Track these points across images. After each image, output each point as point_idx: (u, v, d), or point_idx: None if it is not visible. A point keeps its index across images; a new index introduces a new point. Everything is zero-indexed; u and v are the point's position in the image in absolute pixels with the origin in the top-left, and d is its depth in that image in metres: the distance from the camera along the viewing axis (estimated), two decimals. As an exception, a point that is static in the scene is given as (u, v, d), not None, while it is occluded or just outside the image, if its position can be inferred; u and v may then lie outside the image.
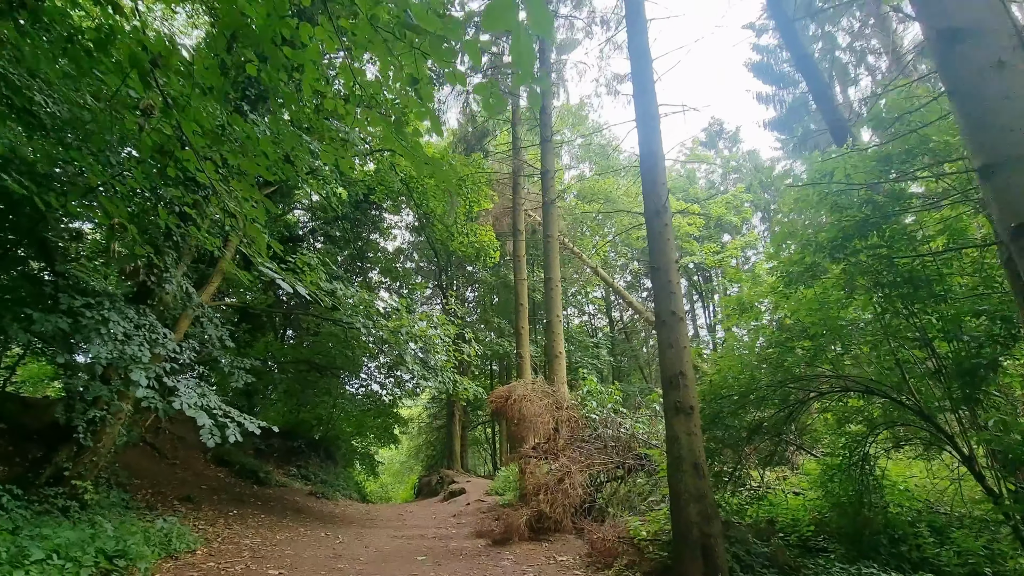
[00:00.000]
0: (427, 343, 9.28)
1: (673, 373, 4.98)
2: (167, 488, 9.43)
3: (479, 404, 26.20)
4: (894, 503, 5.66)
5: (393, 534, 8.35)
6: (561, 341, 9.79)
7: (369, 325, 8.97)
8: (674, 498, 4.64)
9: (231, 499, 9.71)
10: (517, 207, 12.38)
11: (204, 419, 5.30)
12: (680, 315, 5.21)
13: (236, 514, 8.82)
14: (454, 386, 10.90)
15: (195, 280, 9.14)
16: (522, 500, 7.82)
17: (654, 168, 5.76)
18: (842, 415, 5.69)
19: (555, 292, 10.04)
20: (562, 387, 9.06)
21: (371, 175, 16.45)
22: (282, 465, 15.41)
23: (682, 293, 5.26)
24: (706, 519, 4.47)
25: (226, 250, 8.92)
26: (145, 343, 5.47)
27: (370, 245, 19.07)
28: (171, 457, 11.62)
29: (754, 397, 5.44)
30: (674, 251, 5.55)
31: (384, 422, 19.55)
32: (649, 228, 5.64)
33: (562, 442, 7.84)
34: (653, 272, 5.46)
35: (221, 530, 7.67)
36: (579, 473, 7.60)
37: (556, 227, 10.72)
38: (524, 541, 7.09)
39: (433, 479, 18.04)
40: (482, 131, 15.78)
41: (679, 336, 5.11)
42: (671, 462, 4.75)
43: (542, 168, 10.90)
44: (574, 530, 7.37)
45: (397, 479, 29.60)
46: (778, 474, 7.78)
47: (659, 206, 5.62)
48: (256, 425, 5.81)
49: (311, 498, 12.06)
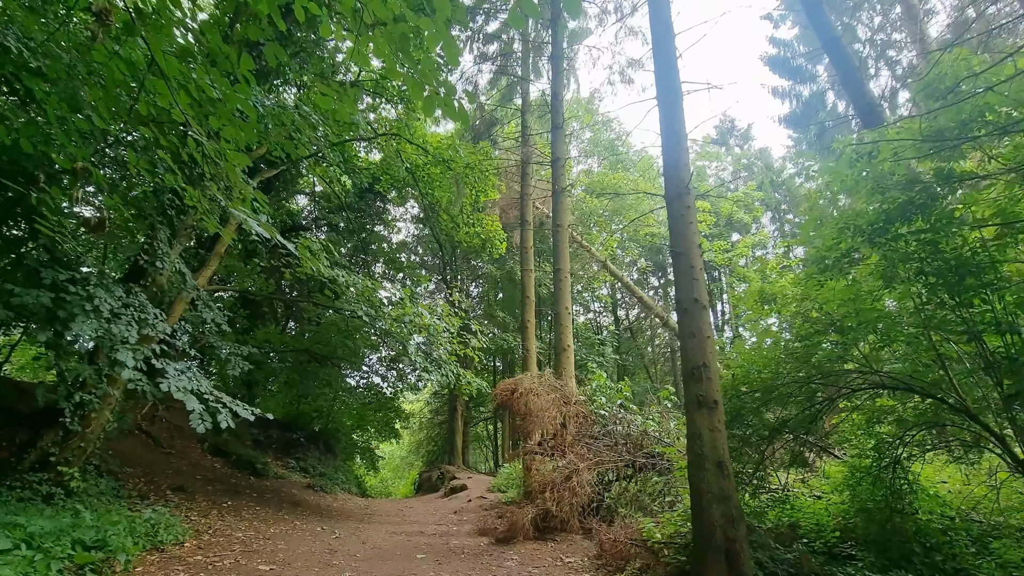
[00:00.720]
0: (430, 334, 8.95)
1: (695, 364, 4.63)
2: (160, 477, 9.15)
3: (481, 400, 25.90)
4: (924, 510, 5.30)
5: (392, 530, 8.04)
6: (570, 334, 9.43)
7: (372, 313, 8.65)
8: (696, 498, 4.30)
9: (226, 490, 9.42)
10: (525, 197, 12.02)
11: (194, 403, 4.99)
12: (703, 303, 4.86)
13: (230, 505, 8.53)
14: (457, 380, 10.59)
15: (196, 268, 8.86)
16: (527, 498, 7.49)
17: (676, 148, 5.40)
18: (871, 415, 5.33)
19: (564, 283, 9.69)
20: (570, 382, 8.72)
21: (376, 164, 16.15)
22: (280, 457, 15.13)
23: (705, 280, 4.90)
24: (731, 522, 4.12)
25: (226, 228, 8.62)
26: (133, 323, 5.16)
27: (374, 237, 18.77)
28: (166, 446, 11.35)
29: (778, 393, 5.08)
30: (697, 235, 5.19)
31: (385, 416, 19.26)
32: (670, 211, 5.28)
33: (570, 438, 7.51)
34: (675, 257, 5.10)
35: (213, 522, 7.37)
36: (587, 471, 7.27)
37: (566, 216, 10.35)
38: (529, 540, 6.77)
39: (434, 475, 17.75)
40: (490, 120, 15.42)
41: (701, 325, 4.76)
42: (692, 460, 4.41)
43: (552, 156, 10.53)
44: (581, 530, 7.04)
45: (397, 474, 29.35)
46: (795, 476, 7.43)
47: (681, 188, 5.26)
48: (249, 412, 5.50)
49: (309, 491, 11.77)
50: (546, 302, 18.41)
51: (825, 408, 5.22)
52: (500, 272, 17.93)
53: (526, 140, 12.59)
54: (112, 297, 5.04)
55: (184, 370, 5.35)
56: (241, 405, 5.48)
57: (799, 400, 5.34)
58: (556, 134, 10.61)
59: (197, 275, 8.31)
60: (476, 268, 21.96)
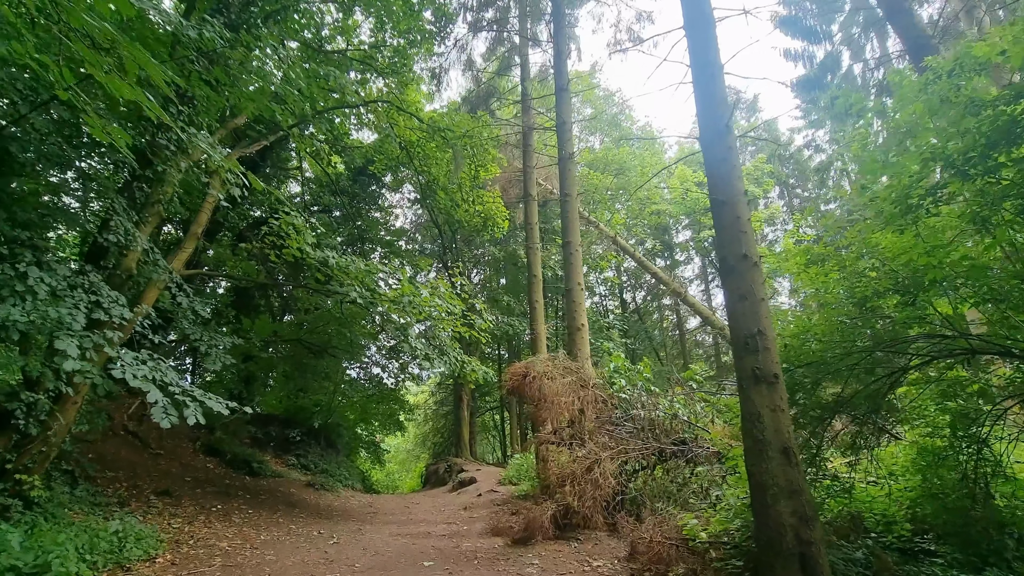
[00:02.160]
0: (432, 317, 8.18)
1: (749, 332, 3.85)
2: (145, 481, 8.46)
3: (487, 389, 25.21)
4: (1012, 495, 4.55)
5: (396, 531, 7.34)
6: (583, 312, 8.65)
7: (367, 296, 7.86)
8: (758, 493, 3.54)
9: (216, 492, 8.73)
10: (528, 169, 11.18)
11: (156, 395, 4.25)
12: (754, 258, 4.07)
13: (220, 509, 7.84)
14: (461, 367, 9.83)
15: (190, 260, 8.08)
16: (544, 492, 6.77)
17: (711, 81, 4.58)
18: (948, 387, 4.56)
19: (575, 257, 8.88)
20: (586, 364, 7.96)
21: (369, 146, 15.28)
22: (280, 454, 14.47)
23: (753, 233, 4.10)
24: (804, 521, 3.36)
25: (204, 206, 7.83)
26: (82, 306, 4.38)
27: (370, 224, 17.96)
28: (155, 447, 10.66)
29: (839, 366, 4.30)
30: (741, 180, 4.39)
31: (389, 409, 18.61)
32: (708, 155, 4.48)
33: (590, 425, 6.76)
34: (717, 207, 4.30)
35: (198, 529, 6.67)
36: (610, 461, 6.53)
37: (575, 185, 9.52)
38: (549, 540, 6.05)
39: (441, 467, 17.10)
40: (487, 90, 14.49)
41: (754, 284, 3.97)
42: (751, 447, 3.64)
43: (557, 120, 9.66)
44: (606, 527, 6.32)
45: (404, 467, 28.81)
46: (839, 460, 6.69)
47: (720, 126, 4.44)
48: (223, 405, 4.75)
49: (308, 490, 11.09)
50: (551, 285, 17.62)
51: (895, 381, 4.44)
52: (503, 254, 17.10)
53: (527, 109, 11.72)
54: (52, 277, 4.27)
55: (145, 359, 4.59)
56: (214, 398, 4.73)
57: (858, 373, 4.58)
58: (561, 96, 9.73)
59: (172, 258, 7.53)
60: (477, 256, 21.13)
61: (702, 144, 4.56)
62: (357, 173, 17.49)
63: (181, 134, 4.90)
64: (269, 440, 14.77)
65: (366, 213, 17.98)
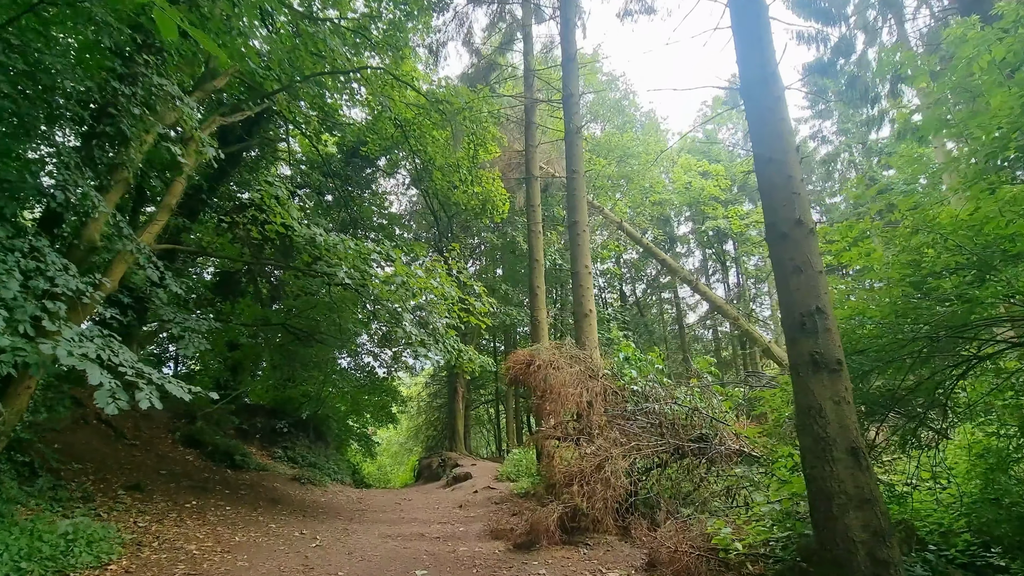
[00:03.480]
0: (427, 300, 7.55)
1: (806, 310, 3.24)
2: (115, 474, 7.80)
3: (482, 383, 24.61)
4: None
5: (386, 531, 6.73)
6: (591, 297, 8.03)
7: (356, 276, 7.21)
8: (820, 502, 2.94)
9: (193, 487, 8.09)
10: (530, 147, 10.51)
11: (97, 375, 3.60)
12: (810, 224, 3.45)
13: (194, 506, 7.20)
14: (458, 356, 9.21)
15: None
16: (549, 491, 6.17)
17: (755, 19, 3.94)
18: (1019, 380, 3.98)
19: (582, 238, 8.25)
20: (594, 352, 7.36)
21: (361, 127, 14.54)
22: (266, 447, 13.83)
23: (807, 196, 3.48)
24: (878, 537, 2.77)
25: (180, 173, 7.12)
26: (15, 272, 3.71)
27: (364, 211, 17.25)
28: (130, 437, 9.99)
29: (908, 351, 3.71)
30: (792, 135, 3.77)
31: (381, 400, 17.99)
32: (752, 105, 3.84)
33: (600, 419, 6.16)
34: (763, 164, 3.67)
35: (167, 528, 6.04)
36: (622, 458, 5.94)
37: (581, 161, 8.87)
38: (555, 546, 5.45)
39: (434, 461, 16.50)
40: (487, 66, 13.77)
41: (810, 254, 3.36)
42: (811, 446, 3.04)
43: (564, 92, 8.99)
44: (617, 530, 5.74)
45: (396, 460, 28.22)
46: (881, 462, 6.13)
47: (765, 71, 3.81)
48: (185, 390, 4.10)
49: (294, 484, 10.46)
50: (549, 274, 17.00)
51: (965, 370, 3.85)
52: (501, 241, 16.43)
53: (529, 85, 11.03)
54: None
55: (93, 336, 3.93)
56: (175, 382, 4.08)
57: (922, 362, 3.99)
58: (569, 67, 9.06)
59: (142, 230, 6.84)
60: (473, 246, 20.44)
61: (744, 94, 3.93)
62: (350, 155, 16.75)
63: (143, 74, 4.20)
64: (255, 431, 14.12)
65: (359, 198, 17.27)
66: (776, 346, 13.33)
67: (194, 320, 7.11)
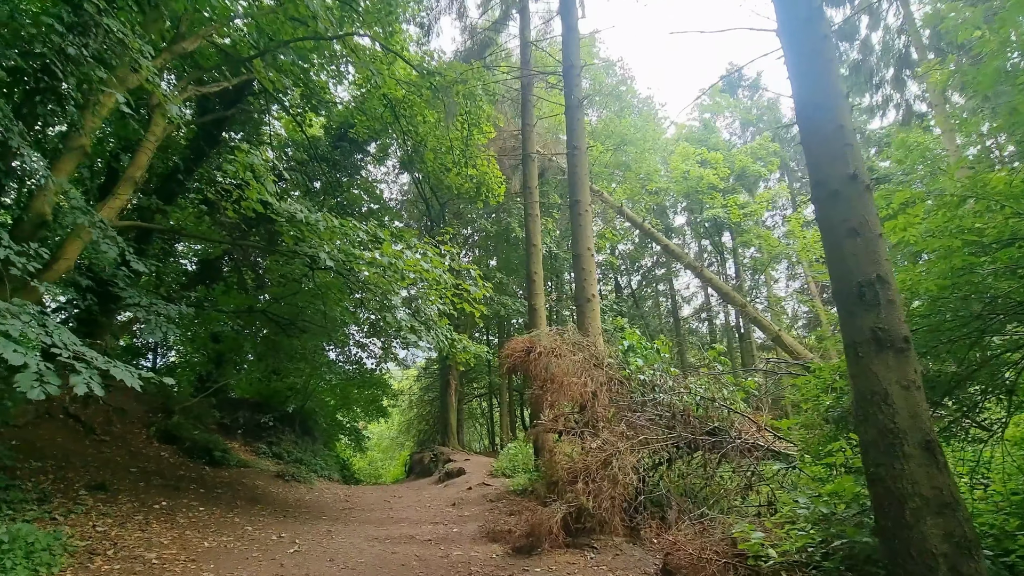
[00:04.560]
0: (420, 281, 6.99)
1: (864, 278, 2.74)
2: (79, 472, 7.19)
3: (474, 376, 24.07)
4: None
5: (373, 534, 6.21)
6: (594, 281, 7.51)
7: (340, 258, 6.63)
8: (889, 506, 2.45)
9: (165, 486, 7.50)
10: (527, 127, 9.94)
11: (18, 356, 3.03)
12: (865, 180, 2.95)
13: (164, 507, 6.62)
14: (451, 346, 8.68)
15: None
16: (550, 489, 5.67)
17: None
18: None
19: (584, 219, 7.71)
20: (598, 340, 6.86)
21: (349, 108, 13.88)
22: (250, 442, 13.23)
23: (860, 149, 2.96)
24: (963, 549, 2.29)
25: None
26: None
27: (353, 199, 16.60)
28: (100, 432, 9.35)
29: (970, 329, 3.23)
30: (839, 80, 3.26)
31: (372, 394, 17.45)
32: (793, 49, 3.32)
33: (608, 411, 5.66)
34: (809, 114, 3.16)
35: (129, 533, 5.47)
36: (630, 453, 5.45)
37: (583, 136, 8.31)
38: (558, 549, 4.96)
39: (426, 456, 15.98)
40: (483, 41, 13.15)
41: (867, 215, 2.86)
42: (874, 440, 2.54)
43: (565, 63, 8.43)
44: (625, 531, 5.26)
45: (387, 455, 27.69)
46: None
47: (810, 10, 3.29)
48: (135, 376, 3.54)
49: (277, 481, 9.90)
50: (546, 262, 16.44)
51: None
52: (496, 228, 15.86)
53: (527, 61, 10.45)
54: None
55: (19, 311, 3.35)
56: (122, 366, 3.52)
57: (973, 345, 3.53)
58: (570, 37, 8.49)
59: (102, 205, 6.22)
60: (466, 236, 19.82)
61: (783, 37, 3.41)
62: (337, 139, 16.06)
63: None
64: (238, 426, 13.51)
65: (350, 182, 16.62)
66: (787, 335, 12.92)
67: (162, 304, 6.50)
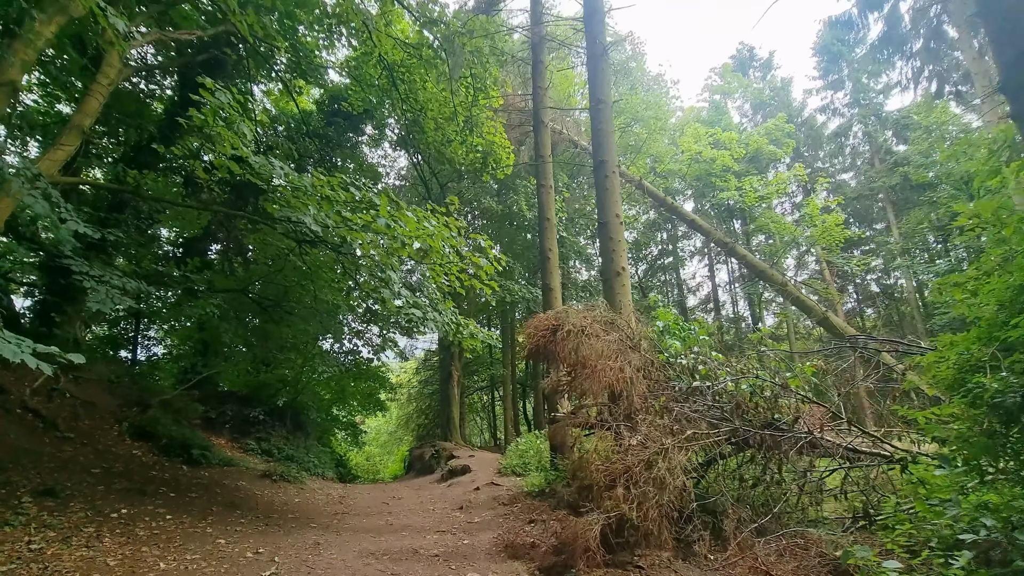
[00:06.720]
0: (424, 253, 6.01)
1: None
2: (28, 474, 6.21)
3: (476, 368, 23.12)
4: None
5: (369, 547, 5.26)
6: (623, 252, 6.49)
7: (327, 224, 5.62)
8: None
9: (128, 490, 6.53)
10: (538, 91, 8.93)
11: None
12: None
13: (123, 516, 5.65)
14: (456, 331, 7.70)
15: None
16: (582, 495, 4.71)
17: None
18: None
19: (611, 181, 6.69)
20: (630, 318, 5.89)
21: (342, 66, 12.78)
22: (237, 438, 12.27)
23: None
24: None
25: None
26: None
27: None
28: (64, 429, 8.34)
29: None
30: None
31: (369, 387, 16.51)
32: None
33: (647, 401, 4.70)
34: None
35: (72, 550, 4.51)
36: (678, 451, 4.51)
37: (609, 88, 7.29)
38: (596, 568, 4.02)
39: (427, 452, 15.05)
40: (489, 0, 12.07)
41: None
42: None
43: (587, 10, 7.38)
44: (675, 546, 4.32)
45: (385, 450, 26.80)
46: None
47: None
48: (28, 352, 2.56)
49: (263, 482, 8.94)
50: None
51: None
52: (501, 207, 14.83)
53: (537, 19, 9.41)
54: None
55: None
56: (15, 340, 2.54)
57: None
58: (592, -23, 7.48)
59: (39, 159, 5.20)
60: (470, 220, 18.82)
61: None
62: (331, 114, 15.00)
63: None
64: (224, 421, 12.54)
65: (343, 169, 15.57)
66: (834, 317, 11.98)
67: (118, 277, 5.50)
